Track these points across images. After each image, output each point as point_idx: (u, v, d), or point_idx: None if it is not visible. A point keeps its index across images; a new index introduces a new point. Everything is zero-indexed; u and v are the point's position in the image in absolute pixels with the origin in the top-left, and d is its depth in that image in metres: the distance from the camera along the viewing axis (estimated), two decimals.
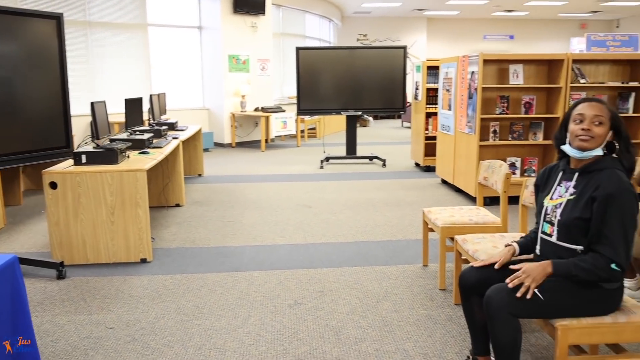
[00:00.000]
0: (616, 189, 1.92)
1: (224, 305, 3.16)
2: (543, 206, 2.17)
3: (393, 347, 2.64)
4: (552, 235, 2.09)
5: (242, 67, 10.29)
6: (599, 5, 15.21)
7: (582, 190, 2.02)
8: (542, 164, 5.83)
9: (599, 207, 1.94)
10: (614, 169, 1.99)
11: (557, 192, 2.13)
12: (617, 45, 5.65)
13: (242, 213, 5.30)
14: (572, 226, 2.01)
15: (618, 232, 1.91)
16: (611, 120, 2.01)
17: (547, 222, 2.13)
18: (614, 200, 1.91)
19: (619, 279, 1.97)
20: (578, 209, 2.00)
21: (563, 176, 2.15)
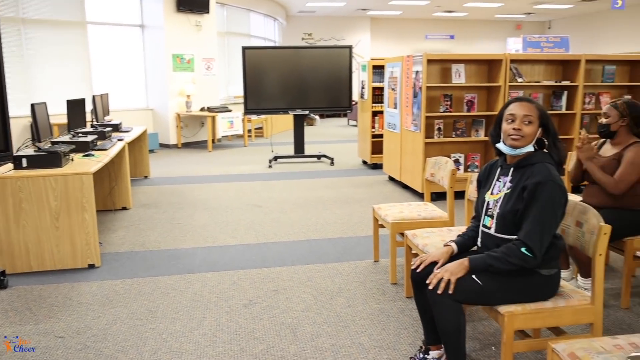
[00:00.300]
0: (543, 178, 2.06)
1: (177, 308, 3.13)
2: (485, 200, 2.29)
3: (349, 342, 2.71)
4: (491, 227, 2.20)
5: (187, 66, 10.13)
6: (532, 7, 15.92)
7: (516, 184, 2.16)
8: (484, 159, 6.07)
9: (526, 196, 2.08)
10: (544, 162, 2.13)
11: (496, 187, 2.26)
12: (550, 46, 5.95)
13: (191, 214, 5.24)
14: (508, 218, 2.14)
15: (535, 218, 2.05)
16: (540, 118, 2.16)
17: (488, 215, 2.25)
18: (538, 188, 2.05)
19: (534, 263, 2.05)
20: (512, 201, 2.14)
21: (501, 172, 2.28)
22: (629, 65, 6.31)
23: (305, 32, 17.81)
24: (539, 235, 2.03)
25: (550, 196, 2.04)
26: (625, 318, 2.96)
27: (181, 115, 10.02)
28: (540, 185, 2.05)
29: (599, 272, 2.11)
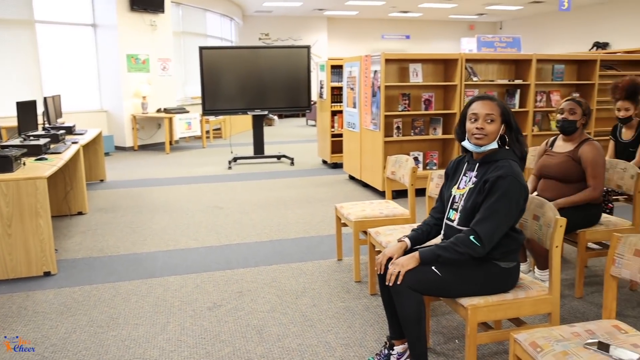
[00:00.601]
0: (504, 173, 2.12)
1: (140, 313, 3.06)
2: (452, 194, 2.34)
3: (315, 341, 2.71)
4: (454, 221, 2.26)
5: (142, 67, 9.92)
6: (484, 8, 16.34)
7: (480, 179, 2.22)
8: (442, 157, 6.20)
9: (486, 188, 2.14)
10: (508, 159, 2.20)
11: (462, 181, 2.32)
12: (503, 46, 6.13)
13: (151, 218, 5.13)
14: (470, 211, 2.19)
15: (489, 209, 2.11)
16: (502, 115, 2.22)
17: (453, 209, 2.30)
18: (498, 181, 2.11)
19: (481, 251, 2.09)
20: (474, 195, 2.20)
21: (467, 167, 2.34)
22: (576, 65, 6.57)
23: (262, 32, 17.73)
24: (489, 225, 2.09)
25: (507, 190, 2.10)
26: (579, 307, 3.08)
27: (137, 116, 9.80)
28: (500, 179, 2.11)
29: (555, 264, 2.19)
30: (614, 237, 1.95)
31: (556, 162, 3.23)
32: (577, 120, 3.20)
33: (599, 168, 3.12)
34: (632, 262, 1.90)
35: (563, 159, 3.21)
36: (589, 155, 3.13)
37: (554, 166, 3.24)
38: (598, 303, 3.12)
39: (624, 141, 4.12)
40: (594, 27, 15.87)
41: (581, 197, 3.12)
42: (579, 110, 3.20)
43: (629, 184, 3.30)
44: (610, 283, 1.98)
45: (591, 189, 3.12)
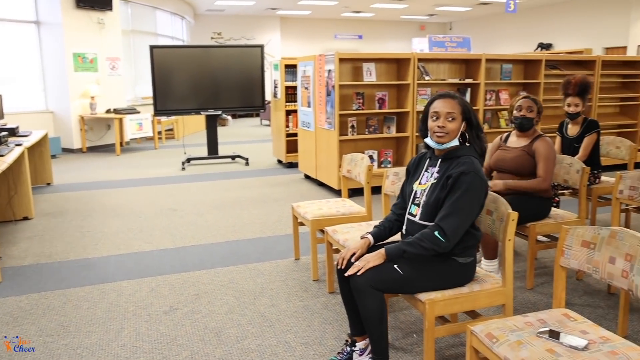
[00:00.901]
0: (467, 169, 2.16)
1: (92, 320, 2.96)
2: (413, 190, 2.37)
3: (275, 341, 2.70)
4: (416, 215, 2.29)
5: (90, 66, 9.61)
6: (434, 9, 16.68)
7: (442, 174, 2.25)
8: (397, 155, 6.28)
9: (449, 184, 2.18)
10: (470, 155, 2.25)
11: (424, 177, 2.35)
12: (454, 46, 6.27)
13: (102, 222, 4.98)
14: (432, 206, 2.23)
15: (453, 205, 2.15)
16: (463, 113, 2.26)
17: (415, 204, 2.33)
18: (461, 177, 2.16)
19: (446, 247, 2.12)
20: (437, 190, 2.23)
21: (429, 163, 2.37)
22: (523, 64, 6.79)
23: (215, 31, 17.51)
24: (453, 221, 2.12)
25: (470, 186, 2.15)
26: (530, 298, 3.18)
27: (85, 117, 9.49)
28: (463, 175, 2.15)
29: (508, 256, 2.25)
30: (563, 230, 2.03)
31: (511, 157, 3.34)
32: (534, 117, 3.33)
33: (550, 162, 3.25)
34: (579, 253, 1.97)
35: (518, 153, 3.33)
36: (542, 150, 3.25)
37: (509, 160, 3.35)
38: (548, 293, 3.24)
39: (570, 137, 4.29)
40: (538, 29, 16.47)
41: (530, 184, 3.23)
42: (535, 108, 3.34)
43: (575, 179, 3.44)
44: (559, 273, 2.06)
45: (541, 179, 3.24)
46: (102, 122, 9.90)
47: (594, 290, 3.29)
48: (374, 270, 2.12)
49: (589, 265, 1.94)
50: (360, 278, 2.10)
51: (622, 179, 3.04)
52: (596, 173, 4.19)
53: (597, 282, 3.40)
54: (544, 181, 3.24)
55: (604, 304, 3.09)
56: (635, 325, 2.82)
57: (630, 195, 3.01)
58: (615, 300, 3.13)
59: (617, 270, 1.83)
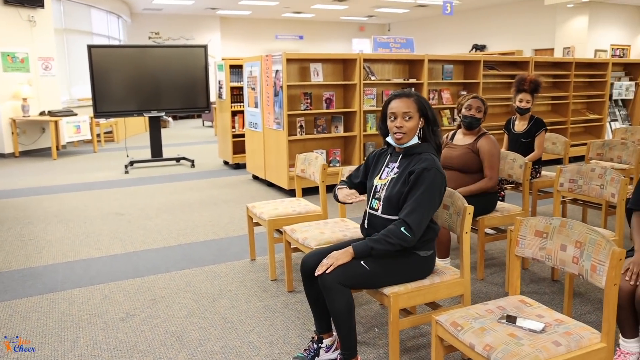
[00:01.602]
0: (428, 165, 2.25)
1: (44, 331, 2.84)
2: (373, 185, 2.43)
3: (238, 342, 2.69)
4: (378, 210, 2.35)
5: (21, 66, 9.14)
6: (374, 10, 16.99)
7: (403, 170, 2.33)
8: (344, 154, 6.38)
9: (411, 180, 2.25)
10: (430, 152, 2.33)
11: (384, 172, 2.42)
12: (398, 47, 6.43)
13: (44, 229, 4.76)
14: (393, 200, 2.29)
15: (416, 200, 2.22)
16: (419, 111, 2.34)
17: (375, 199, 2.39)
18: (423, 173, 2.23)
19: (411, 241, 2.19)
20: (398, 185, 2.30)
21: (390, 159, 2.44)
22: (462, 65, 7.06)
23: (152, 30, 17.07)
24: (418, 216, 2.19)
25: (432, 182, 2.23)
26: (482, 288, 3.33)
27: (17, 120, 9.02)
28: (425, 171, 2.23)
29: (465, 248, 2.36)
30: (517, 221, 2.14)
31: (457, 154, 3.47)
32: (481, 118, 3.47)
33: (495, 159, 3.40)
34: (533, 242, 2.09)
35: (463, 151, 3.46)
36: (486, 147, 3.40)
37: (455, 158, 3.48)
38: (498, 283, 3.40)
39: (517, 132, 4.52)
40: (473, 30, 17.12)
41: (479, 187, 3.38)
42: (483, 108, 3.47)
43: (518, 173, 3.63)
44: (514, 263, 2.17)
45: (487, 178, 3.39)
46: (35, 125, 9.45)
47: (540, 277, 3.48)
48: (341, 268, 2.16)
49: (542, 253, 2.06)
50: (329, 276, 2.14)
51: (562, 173, 3.23)
52: (537, 168, 4.43)
53: (542, 270, 3.60)
54: (491, 180, 3.39)
55: (549, 290, 3.28)
56: (578, 308, 3.02)
57: (569, 187, 3.20)
58: (559, 286, 3.33)
59: (568, 257, 1.96)
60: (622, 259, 1.77)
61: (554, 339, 1.78)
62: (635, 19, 13.73)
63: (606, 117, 8.33)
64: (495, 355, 1.72)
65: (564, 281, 3.36)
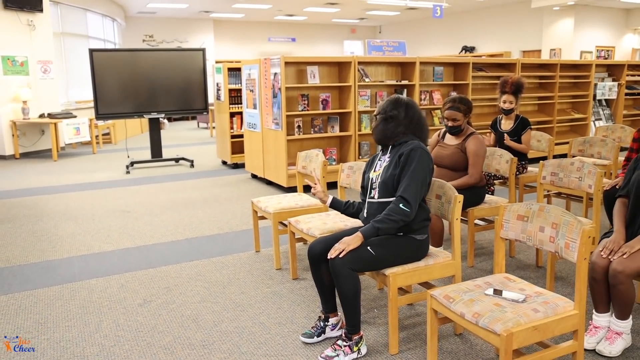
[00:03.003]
0: (414, 146, 2.54)
1: (68, 316, 3.07)
2: (369, 178, 2.71)
3: (250, 323, 2.93)
4: (374, 197, 2.61)
5: (20, 69, 9.32)
6: (365, 13, 17.29)
7: (393, 156, 2.62)
8: (340, 152, 6.64)
9: (402, 160, 2.53)
10: (415, 139, 2.63)
11: (378, 165, 2.71)
12: (391, 50, 6.70)
13: (55, 225, 4.98)
14: (388, 183, 2.57)
15: (410, 176, 2.49)
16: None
17: (372, 188, 2.66)
18: (411, 153, 2.52)
19: (411, 215, 2.46)
20: (391, 169, 2.59)
21: (381, 154, 2.74)
22: (452, 67, 7.35)
23: (146, 33, 17.26)
24: (412, 189, 2.47)
25: (421, 159, 2.52)
26: (472, 274, 3.60)
27: (17, 123, 9.20)
28: (413, 151, 2.53)
29: (456, 233, 2.62)
30: (501, 207, 2.41)
31: (447, 154, 3.74)
32: (460, 123, 3.70)
33: (479, 159, 3.66)
34: (515, 225, 2.36)
35: (453, 150, 3.73)
36: (472, 147, 3.66)
37: (446, 157, 3.75)
38: (486, 270, 3.67)
39: (503, 131, 4.80)
40: (462, 33, 17.46)
41: (461, 182, 3.64)
42: (459, 115, 3.67)
43: (505, 168, 3.91)
44: (500, 244, 2.44)
45: (468, 175, 3.66)
46: (35, 127, 9.63)
47: (525, 265, 3.76)
48: (350, 253, 2.41)
49: (523, 235, 2.33)
50: (339, 261, 2.39)
51: (545, 167, 3.51)
52: (524, 164, 4.72)
53: (527, 258, 3.88)
54: (471, 177, 3.66)
55: (534, 275, 3.56)
56: (559, 290, 3.29)
57: (551, 180, 3.48)
58: (542, 271, 3.61)
59: (545, 237, 2.23)
60: (592, 237, 2.04)
61: (533, 307, 2.05)
62: (619, 21, 14.12)
63: (590, 117, 8.66)
64: (483, 321, 1.98)
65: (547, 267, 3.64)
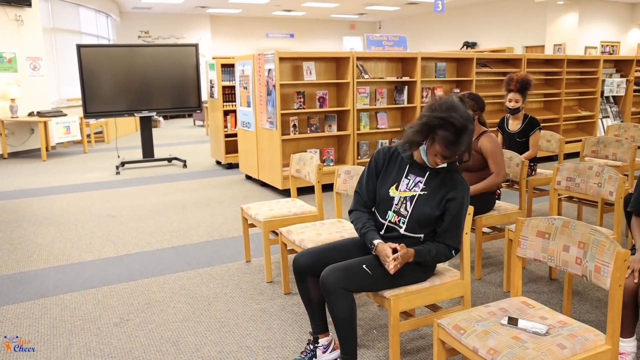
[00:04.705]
0: (465, 192, 2.25)
1: (36, 338, 2.78)
2: (390, 195, 2.32)
3: (235, 347, 2.64)
4: (398, 224, 2.28)
5: (8, 66, 9.02)
6: (364, 8, 16.95)
7: (433, 189, 2.26)
8: (339, 153, 6.34)
9: (453, 206, 2.22)
10: (456, 171, 2.30)
11: (404, 184, 2.31)
12: (391, 45, 6.40)
13: (34, 232, 4.69)
14: (423, 220, 2.25)
15: (457, 223, 2.24)
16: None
17: (394, 212, 2.31)
18: (462, 201, 2.23)
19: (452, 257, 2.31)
20: (429, 206, 2.24)
21: (410, 169, 2.32)
22: (455, 63, 7.04)
23: (142, 29, 16.93)
24: (460, 236, 2.27)
25: (467, 207, 2.28)
26: (480, 288, 3.30)
27: (5, 121, 8.90)
28: (463, 200, 2.24)
29: (465, 249, 2.33)
30: (518, 221, 2.11)
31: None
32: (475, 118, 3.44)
33: (498, 156, 3.38)
34: (535, 243, 2.06)
35: None
36: (487, 146, 3.38)
37: None
38: (495, 282, 3.37)
39: (512, 132, 4.50)
40: (464, 28, 17.13)
41: (487, 184, 3.36)
42: (471, 112, 3.41)
43: (515, 172, 3.61)
44: (516, 264, 2.14)
45: (495, 174, 3.37)
46: (24, 125, 9.33)
47: (537, 276, 3.47)
48: (343, 272, 2.12)
49: (544, 254, 2.03)
50: (330, 279, 2.10)
51: (560, 171, 3.21)
52: (533, 165, 4.42)
53: (539, 269, 3.59)
54: (498, 175, 3.38)
55: (547, 289, 3.26)
56: (576, 307, 3.00)
57: (567, 185, 3.18)
58: (556, 285, 3.31)
59: (571, 258, 1.93)
60: (627, 260, 1.75)
61: (559, 342, 1.76)
62: (624, 15, 13.80)
63: (598, 114, 8.35)
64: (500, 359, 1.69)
65: (562, 280, 3.35)
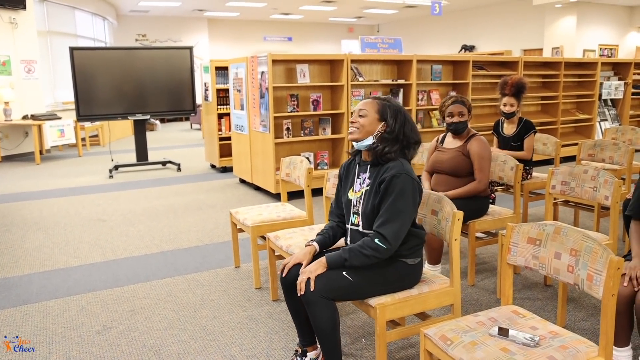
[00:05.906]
0: (397, 172, 2.11)
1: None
2: (348, 199, 2.30)
3: (219, 356, 2.56)
4: (359, 225, 2.23)
5: (3, 69, 8.96)
6: (362, 11, 16.92)
7: (374, 180, 2.19)
8: (333, 156, 6.27)
9: (382, 189, 2.12)
10: (397, 158, 2.19)
11: (357, 184, 2.28)
12: (386, 47, 6.33)
13: (22, 236, 4.61)
14: (370, 214, 2.17)
15: (389, 209, 2.09)
16: (378, 112, 2.21)
17: (354, 213, 2.26)
18: (392, 180, 2.10)
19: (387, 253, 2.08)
20: (371, 197, 2.18)
21: (359, 169, 2.30)
22: (451, 65, 6.98)
23: (139, 33, 16.89)
24: (392, 225, 2.07)
25: (402, 188, 2.10)
26: (473, 294, 3.23)
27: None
28: (394, 179, 2.10)
29: (455, 256, 2.25)
30: (509, 227, 2.04)
31: (447, 158, 3.37)
32: (466, 119, 3.37)
33: (485, 161, 3.30)
34: (525, 250, 1.99)
35: (454, 154, 3.36)
36: (476, 149, 3.30)
37: (445, 161, 3.37)
38: (489, 289, 3.30)
39: (507, 135, 4.43)
40: (462, 31, 17.10)
41: (467, 190, 3.28)
42: (465, 110, 3.36)
43: (509, 175, 3.53)
44: (506, 271, 2.07)
45: (477, 181, 3.29)
46: (18, 129, 9.26)
47: (531, 283, 3.39)
48: (323, 280, 2.04)
49: (535, 261, 1.96)
50: (310, 290, 2.02)
51: (554, 175, 3.14)
52: (528, 169, 4.35)
53: (534, 275, 3.51)
54: (480, 182, 3.29)
55: (542, 295, 3.18)
56: (571, 315, 2.92)
57: (562, 190, 3.11)
58: (551, 291, 3.24)
59: (563, 265, 1.86)
60: (620, 268, 1.67)
61: (549, 354, 1.68)
62: (622, 18, 13.76)
63: (596, 117, 8.29)
64: None
65: (556, 286, 3.27)
